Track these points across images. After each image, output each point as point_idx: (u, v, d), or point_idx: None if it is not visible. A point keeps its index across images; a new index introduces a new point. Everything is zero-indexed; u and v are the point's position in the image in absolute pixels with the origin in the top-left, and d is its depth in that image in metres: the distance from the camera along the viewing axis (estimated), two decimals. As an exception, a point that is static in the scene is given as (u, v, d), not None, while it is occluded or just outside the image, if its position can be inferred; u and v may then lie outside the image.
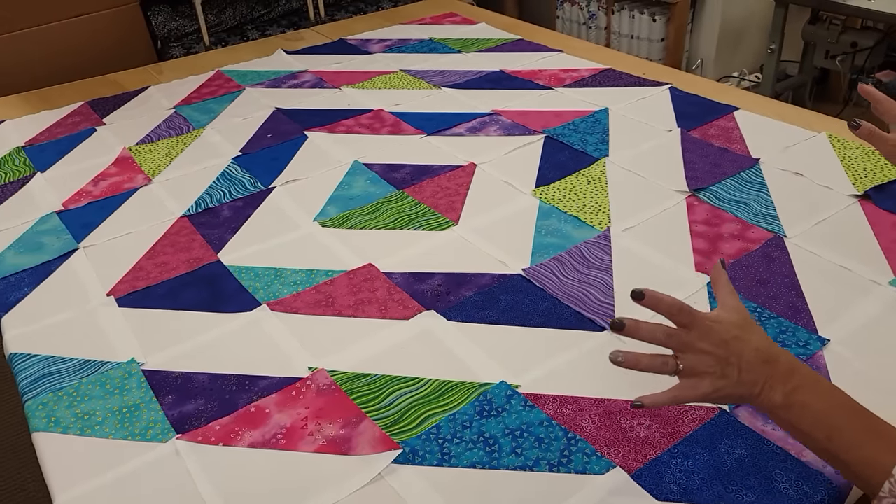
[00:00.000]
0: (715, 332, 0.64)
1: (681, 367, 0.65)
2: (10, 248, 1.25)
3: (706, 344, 0.64)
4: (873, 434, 0.60)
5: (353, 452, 0.82)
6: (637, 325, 0.66)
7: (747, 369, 0.63)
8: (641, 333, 0.66)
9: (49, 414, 0.90)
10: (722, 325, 0.65)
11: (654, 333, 0.66)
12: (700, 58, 2.90)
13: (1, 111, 1.79)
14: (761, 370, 0.63)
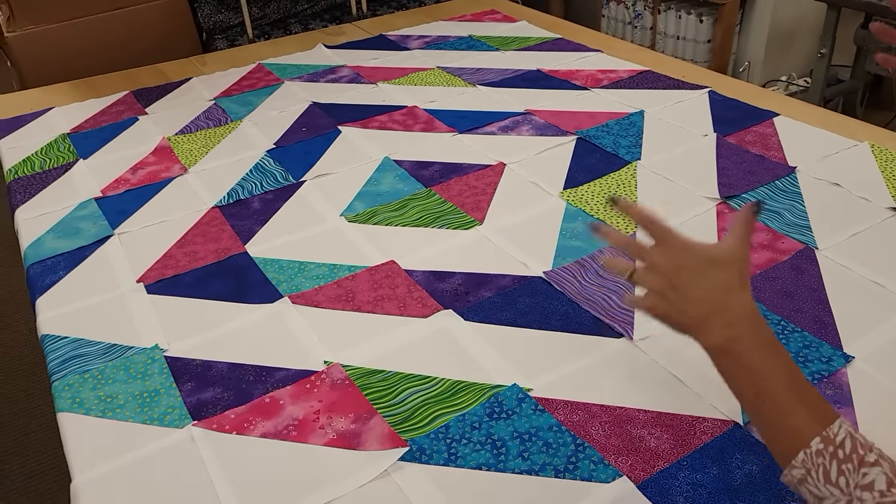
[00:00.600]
0: (675, 256, 0.63)
1: (634, 276, 0.66)
2: (49, 231, 1.29)
3: (663, 262, 0.64)
4: (804, 405, 0.57)
5: (362, 448, 0.83)
6: (608, 231, 0.70)
7: (691, 301, 0.61)
8: (611, 237, 0.70)
9: (74, 395, 0.93)
10: (689, 253, 0.63)
11: (619, 240, 0.69)
12: (748, 60, 2.84)
13: (51, 98, 1.85)
14: (705, 307, 0.61)
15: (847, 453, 0.54)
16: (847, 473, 0.53)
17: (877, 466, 0.53)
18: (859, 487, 0.52)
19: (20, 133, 1.67)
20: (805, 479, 0.55)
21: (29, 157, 1.55)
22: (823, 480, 0.54)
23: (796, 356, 0.91)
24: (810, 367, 0.89)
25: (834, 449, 0.54)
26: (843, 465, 0.53)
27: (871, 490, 0.52)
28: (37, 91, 1.92)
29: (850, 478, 0.53)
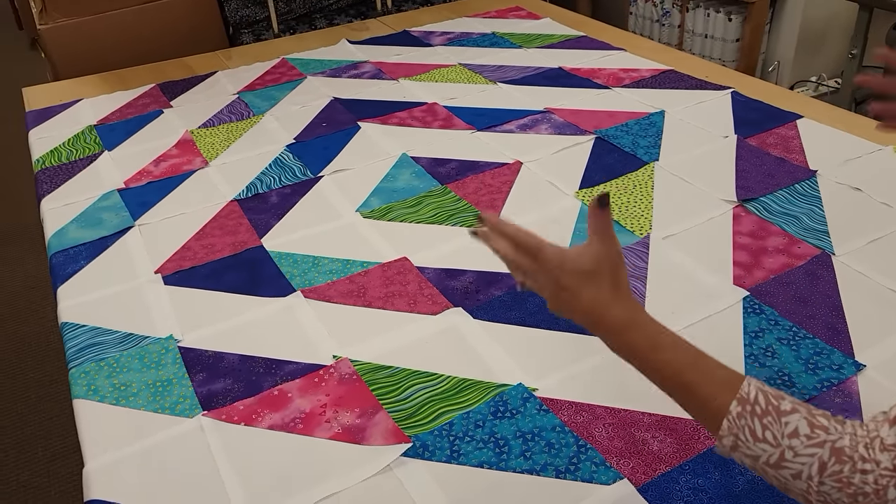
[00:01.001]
0: (554, 273, 0.65)
1: (521, 285, 0.69)
2: (73, 221, 1.32)
3: (545, 280, 0.66)
4: (700, 376, 0.59)
5: (366, 442, 0.84)
6: (488, 235, 0.69)
7: (580, 313, 0.65)
8: (492, 243, 0.69)
9: (90, 382, 0.96)
10: (563, 269, 0.64)
11: (506, 251, 0.68)
12: (777, 60, 2.80)
13: (81, 90, 1.89)
14: (590, 318, 0.64)
15: (764, 408, 0.56)
16: (771, 426, 0.55)
17: (795, 413, 0.55)
18: (786, 437, 0.54)
19: (49, 124, 1.71)
20: (736, 444, 0.56)
21: (56, 148, 1.59)
22: (752, 440, 0.55)
23: (806, 363, 0.90)
24: (820, 374, 0.88)
25: (751, 407, 0.56)
26: (763, 419, 0.55)
27: (797, 436, 0.54)
28: (68, 83, 1.96)
29: (775, 430, 0.55)
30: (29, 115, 1.77)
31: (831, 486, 0.53)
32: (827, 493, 0.53)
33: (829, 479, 0.53)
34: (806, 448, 0.54)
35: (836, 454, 0.53)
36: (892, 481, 0.51)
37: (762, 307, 0.99)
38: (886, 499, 0.51)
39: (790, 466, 0.54)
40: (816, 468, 0.53)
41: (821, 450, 0.53)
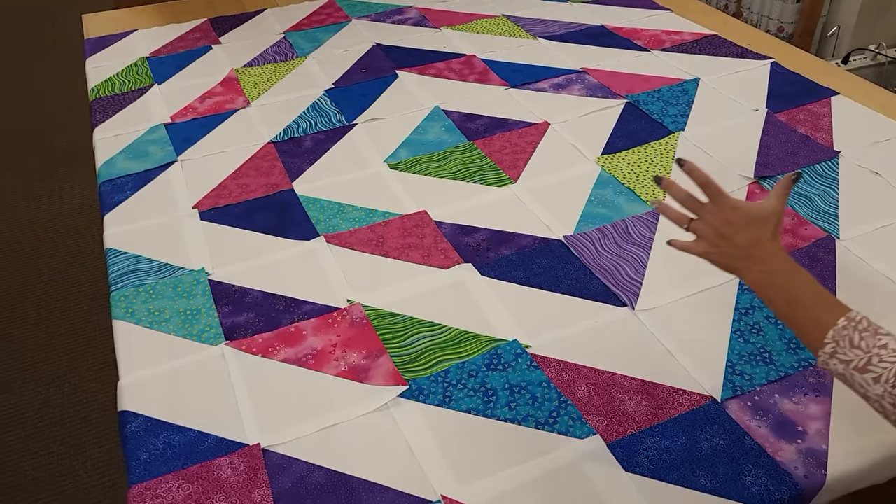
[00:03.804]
0: (725, 213, 0.79)
1: (688, 227, 0.82)
2: (121, 152, 1.41)
3: (714, 217, 0.80)
4: (825, 303, 0.73)
5: (368, 382, 0.92)
6: (671, 183, 0.84)
7: (735, 247, 0.78)
8: (672, 190, 0.83)
9: (128, 306, 1.06)
10: (736, 211, 0.79)
11: (679, 194, 0.83)
12: (838, 24, 2.70)
13: (136, 20, 1.96)
14: (744, 250, 0.77)
15: (865, 327, 0.69)
16: (867, 339, 0.68)
17: (889, 335, 0.68)
18: (877, 347, 0.67)
19: (105, 53, 1.79)
20: (835, 351, 0.69)
21: (110, 78, 1.67)
22: (849, 346, 0.68)
23: (789, 342, 0.94)
24: (800, 354, 0.92)
25: (855, 324, 0.69)
26: (863, 333, 0.68)
27: (885, 348, 0.67)
28: (123, 12, 2.03)
29: (869, 341, 0.68)
30: (87, 42, 1.85)
31: None
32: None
33: None
34: (890, 356, 0.66)
35: None
36: None
37: (757, 285, 1.03)
38: None
39: (874, 370, 0.66)
40: (894, 373, 0.65)
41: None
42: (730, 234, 0.78)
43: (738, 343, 0.95)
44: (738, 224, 0.78)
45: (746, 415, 0.85)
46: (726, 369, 0.91)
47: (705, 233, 0.81)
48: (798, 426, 0.84)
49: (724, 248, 0.79)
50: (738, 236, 0.78)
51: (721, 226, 0.79)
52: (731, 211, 0.79)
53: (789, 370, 0.91)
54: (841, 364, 0.69)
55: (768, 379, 0.90)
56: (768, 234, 0.78)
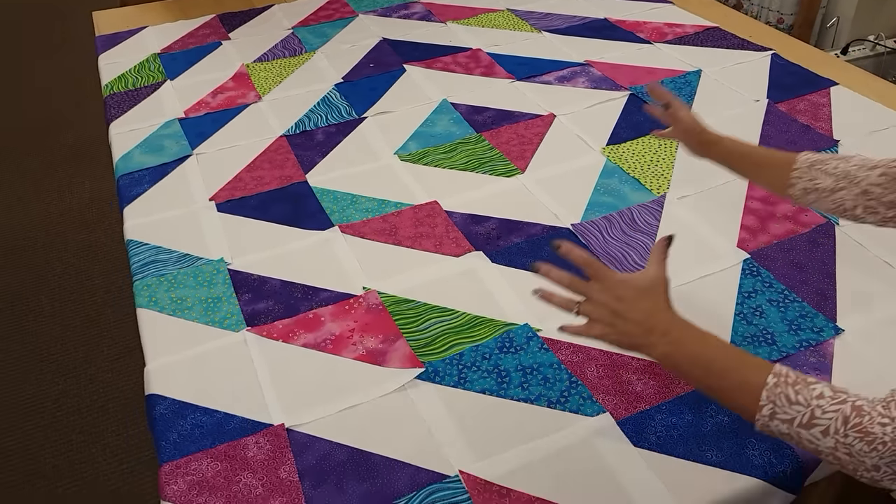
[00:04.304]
0: (613, 289, 0.75)
1: (577, 311, 0.77)
2: (137, 146, 1.45)
3: (602, 296, 0.76)
4: (746, 363, 0.70)
5: (386, 365, 0.96)
6: (549, 269, 0.79)
7: (633, 324, 0.74)
8: (552, 276, 0.79)
9: (151, 294, 1.09)
10: (624, 284, 0.75)
11: (562, 279, 0.79)
12: (837, 15, 2.73)
13: (146, 17, 1.99)
14: (644, 327, 0.73)
15: (795, 378, 0.67)
16: (802, 392, 0.66)
17: (819, 382, 0.67)
18: (814, 398, 0.65)
19: (117, 50, 1.82)
20: (774, 412, 0.66)
21: (123, 75, 1.71)
22: (787, 403, 0.66)
23: (790, 324, 0.98)
24: (801, 335, 0.96)
25: (785, 378, 0.67)
26: (796, 387, 0.66)
27: (823, 398, 0.65)
28: (133, 9, 2.06)
29: (805, 394, 0.65)
30: (98, 39, 1.88)
31: (854, 438, 0.62)
32: (851, 445, 0.62)
33: (852, 431, 0.62)
34: (831, 405, 0.64)
35: (856, 410, 0.63)
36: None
37: (760, 270, 1.06)
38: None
39: (819, 423, 0.64)
40: (841, 422, 0.63)
41: (843, 405, 0.63)
42: (623, 309, 0.74)
43: (741, 325, 0.98)
44: (629, 298, 0.74)
45: (750, 393, 0.89)
46: (730, 350, 0.95)
47: (597, 314, 0.76)
48: (799, 403, 0.88)
49: (620, 326, 0.74)
50: (633, 311, 0.74)
51: (612, 303, 0.75)
52: (619, 286, 0.75)
53: (790, 350, 0.94)
54: (784, 424, 0.66)
55: (770, 359, 0.93)
56: (662, 303, 0.75)
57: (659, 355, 0.73)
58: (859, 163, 0.85)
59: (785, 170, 0.88)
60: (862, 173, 0.83)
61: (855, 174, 0.84)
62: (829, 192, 0.85)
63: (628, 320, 0.74)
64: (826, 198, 0.86)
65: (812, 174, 0.86)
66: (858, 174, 0.84)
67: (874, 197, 0.82)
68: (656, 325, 0.73)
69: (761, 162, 0.92)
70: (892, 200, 0.81)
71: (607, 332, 0.75)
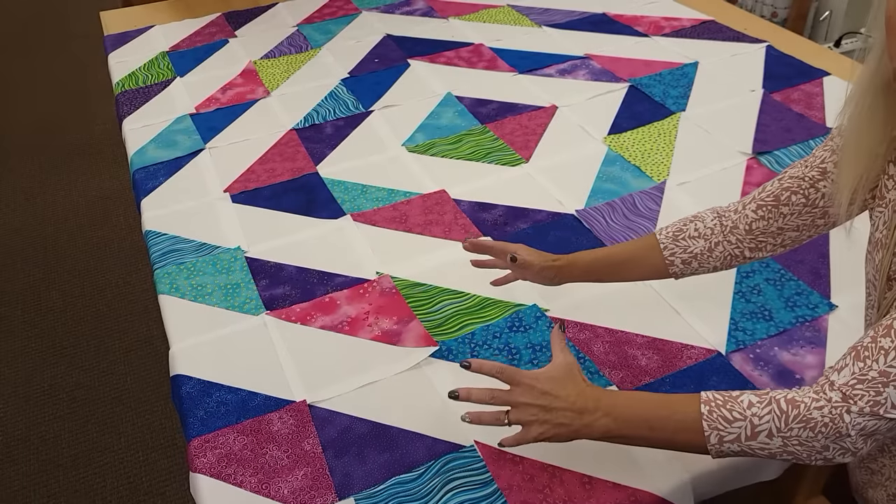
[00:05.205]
0: (534, 386, 0.75)
1: (509, 420, 0.76)
2: (151, 142, 1.49)
3: (526, 396, 0.75)
4: (676, 405, 0.71)
5: (401, 344, 1.00)
6: (469, 392, 0.78)
7: (564, 413, 0.74)
8: (473, 397, 0.78)
9: (172, 282, 1.13)
10: (539, 380, 0.76)
11: (483, 396, 0.78)
12: (830, 9, 2.78)
13: (153, 16, 2.03)
14: (575, 409, 0.74)
15: (723, 398, 0.69)
16: (734, 408, 0.68)
17: (744, 394, 0.69)
18: (746, 408, 0.67)
19: (126, 48, 1.86)
20: (720, 436, 0.68)
21: (133, 73, 1.74)
22: (726, 424, 0.68)
23: (787, 301, 1.02)
24: (797, 311, 1.01)
25: (714, 403, 0.69)
26: (726, 406, 0.68)
27: (752, 405, 0.67)
28: (140, 8, 2.10)
29: (737, 409, 0.68)
30: (107, 38, 1.92)
31: (798, 429, 0.65)
32: (798, 436, 0.66)
33: (794, 423, 0.65)
34: (763, 409, 0.66)
35: (790, 403, 0.66)
36: (843, 408, 0.64)
37: (757, 251, 1.11)
38: (843, 424, 0.64)
39: (761, 428, 0.66)
40: (779, 419, 0.65)
41: (773, 405, 0.66)
42: (549, 402, 0.74)
43: (740, 302, 1.03)
44: (552, 390, 0.75)
45: (749, 365, 0.94)
46: (730, 326, 0.99)
47: (528, 415, 0.75)
48: (796, 374, 0.92)
49: (554, 418, 0.74)
50: (560, 400, 0.74)
51: (538, 399, 0.75)
52: (536, 381, 0.75)
53: (787, 325, 0.99)
54: (733, 444, 0.68)
55: (768, 333, 0.98)
56: (581, 383, 0.76)
57: (602, 430, 0.73)
58: (714, 213, 0.87)
59: (653, 255, 0.89)
60: (730, 220, 0.85)
61: (724, 223, 0.86)
62: (708, 252, 0.86)
63: (559, 410, 0.74)
64: (707, 259, 0.87)
65: (681, 244, 0.87)
66: (727, 222, 0.85)
67: (760, 231, 0.84)
68: (586, 404, 0.74)
69: (625, 258, 0.91)
70: (779, 227, 0.83)
71: (544, 429, 0.74)
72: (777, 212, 0.83)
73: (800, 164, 0.83)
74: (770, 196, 0.83)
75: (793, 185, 0.82)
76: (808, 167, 0.82)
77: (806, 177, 0.81)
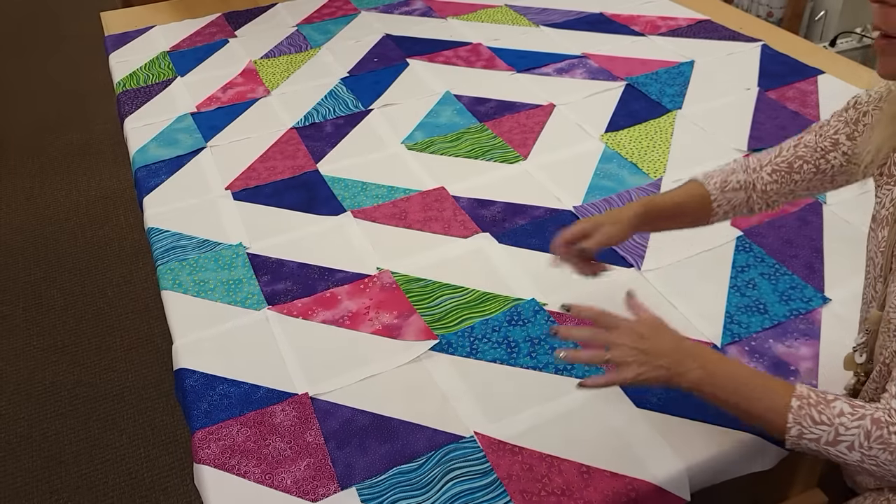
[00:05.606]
0: (634, 330, 0.78)
1: (608, 359, 0.78)
2: (152, 140, 1.50)
3: (626, 339, 0.78)
4: (769, 387, 0.73)
5: (401, 338, 1.02)
6: (569, 331, 0.82)
7: (663, 355, 0.76)
8: (573, 335, 0.81)
9: (174, 278, 1.15)
10: (640, 324, 0.79)
11: (583, 335, 0.80)
12: (825, 9, 2.80)
13: (153, 17, 2.05)
14: (673, 356, 0.76)
15: (816, 398, 0.71)
16: (825, 412, 0.69)
17: (838, 401, 0.70)
18: (836, 416, 0.69)
19: (127, 48, 1.87)
20: (801, 432, 0.70)
21: (135, 72, 1.76)
22: (812, 424, 0.70)
23: (781, 295, 1.04)
24: (791, 304, 1.02)
25: (806, 400, 0.70)
26: (818, 407, 0.70)
27: (843, 415, 0.69)
28: (140, 9, 2.11)
29: (827, 413, 0.69)
30: (108, 39, 1.93)
31: (878, 449, 0.67)
32: (876, 457, 0.67)
33: (875, 444, 0.67)
34: (852, 422, 0.68)
35: (876, 423, 0.67)
36: None
37: (752, 246, 1.13)
38: None
39: (844, 440, 0.68)
40: (864, 436, 0.67)
41: (863, 421, 0.67)
42: (649, 347, 0.76)
43: (735, 296, 1.04)
44: (650, 335, 0.77)
45: (744, 357, 0.95)
46: (725, 319, 1.01)
47: (628, 357, 0.77)
48: (791, 366, 0.94)
49: (653, 361, 0.76)
50: (659, 346, 0.76)
51: (637, 343, 0.77)
52: (638, 326, 0.78)
53: (782, 318, 1.00)
54: (812, 442, 0.70)
55: (763, 326, 0.99)
56: (678, 335, 0.78)
57: (693, 380, 0.75)
58: (743, 168, 0.94)
59: (704, 205, 0.95)
60: (751, 176, 0.93)
61: (748, 180, 0.93)
62: (743, 203, 0.94)
63: (659, 355, 0.76)
64: (741, 208, 0.95)
65: (727, 197, 0.94)
66: (750, 178, 0.93)
67: (773, 193, 0.92)
68: (687, 353, 0.76)
69: (679, 210, 0.95)
70: (790, 189, 0.91)
71: (643, 370, 0.76)
72: (789, 178, 0.90)
73: (815, 130, 0.90)
74: (784, 162, 0.91)
75: (805, 155, 0.89)
76: (822, 136, 0.88)
77: (818, 147, 0.88)
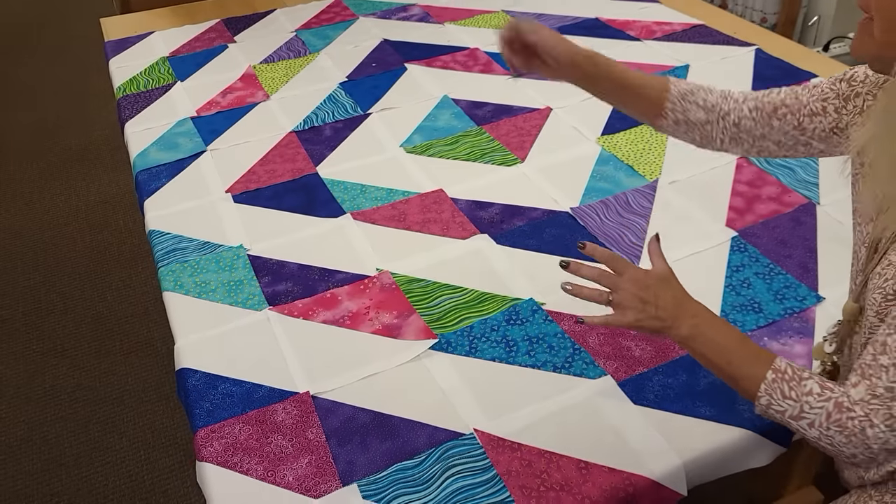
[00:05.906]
0: (640, 279, 0.81)
1: (611, 300, 0.82)
2: (153, 144, 1.51)
3: (631, 286, 0.81)
4: (752, 356, 0.76)
5: (401, 337, 1.03)
6: (579, 265, 0.84)
7: (662, 307, 0.79)
8: (582, 272, 0.84)
9: (176, 279, 1.16)
10: (647, 275, 0.82)
11: (592, 273, 0.83)
12: (818, 14, 2.83)
13: (152, 22, 2.06)
14: (672, 310, 0.79)
15: (791, 375, 0.73)
16: (795, 388, 0.72)
17: (810, 380, 0.73)
18: (804, 395, 0.72)
19: (127, 54, 1.89)
20: (770, 402, 0.74)
21: (135, 77, 1.77)
22: (781, 397, 0.73)
23: (776, 294, 1.05)
24: (785, 303, 1.04)
25: (781, 375, 0.74)
26: (790, 383, 0.73)
27: (811, 394, 0.71)
28: (140, 15, 2.13)
29: (797, 390, 0.72)
30: (108, 44, 1.95)
31: (835, 431, 0.70)
32: (832, 437, 0.70)
33: (833, 425, 0.70)
34: (818, 402, 0.71)
35: (838, 406, 0.70)
36: (865, 422, 0.68)
37: (747, 246, 1.14)
38: (866, 436, 0.68)
39: (806, 417, 0.71)
40: (824, 417, 0.70)
41: (827, 403, 0.70)
42: (651, 297, 0.79)
43: (730, 295, 1.06)
44: (655, 287, 0.80)
45: (739, 355, 0.96)
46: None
47: (629, 302, 0.80)
48: (785, 363, 0.95)
49: (651, 311, 0.79)
50: (661, 298, 0.79)
51: (641, 292, 0.80)
52: (645, 276, 0.81)
53: (776, 317, 1.02)
54: (777, 414, 0.74)
55: (758, 325, 1.01)
56: (683, 291, 0.81)
57: (683, 336, 0.78)
58: (722, 95, 0.90)
59: (658, 98, 0.91)
60: (728, 105, 0.89)
61: (721, 106, 0.89)
62: (701, 124, 0.90)
63: (658, 306, 0.79)
64: (695, 130, 0.91)
65: (684, 106, 0.90)
66: (724, 106, 0.89)
67: (745, 130, 0.88)
68: (685, 310, 0.79)
69: (635, 86, 0.92)
70: (763, 133, 0.88)
71: (641, 317, 0.79)
72: (768, 121, 0.87)
73: (809, 88, 0.86)
74: (770, 105, 0.88)
75: (793, 106, 0.86)
76: (814, 96, 0.85)
77: (808, 104, 0.85)
